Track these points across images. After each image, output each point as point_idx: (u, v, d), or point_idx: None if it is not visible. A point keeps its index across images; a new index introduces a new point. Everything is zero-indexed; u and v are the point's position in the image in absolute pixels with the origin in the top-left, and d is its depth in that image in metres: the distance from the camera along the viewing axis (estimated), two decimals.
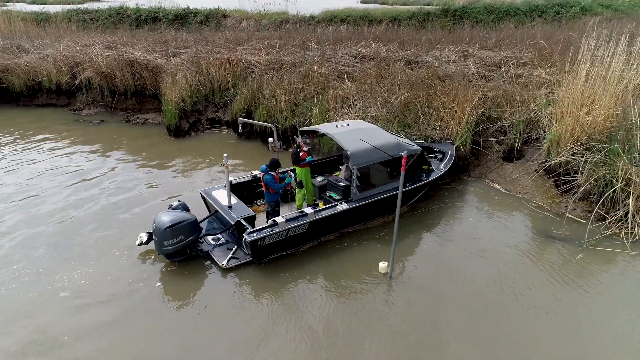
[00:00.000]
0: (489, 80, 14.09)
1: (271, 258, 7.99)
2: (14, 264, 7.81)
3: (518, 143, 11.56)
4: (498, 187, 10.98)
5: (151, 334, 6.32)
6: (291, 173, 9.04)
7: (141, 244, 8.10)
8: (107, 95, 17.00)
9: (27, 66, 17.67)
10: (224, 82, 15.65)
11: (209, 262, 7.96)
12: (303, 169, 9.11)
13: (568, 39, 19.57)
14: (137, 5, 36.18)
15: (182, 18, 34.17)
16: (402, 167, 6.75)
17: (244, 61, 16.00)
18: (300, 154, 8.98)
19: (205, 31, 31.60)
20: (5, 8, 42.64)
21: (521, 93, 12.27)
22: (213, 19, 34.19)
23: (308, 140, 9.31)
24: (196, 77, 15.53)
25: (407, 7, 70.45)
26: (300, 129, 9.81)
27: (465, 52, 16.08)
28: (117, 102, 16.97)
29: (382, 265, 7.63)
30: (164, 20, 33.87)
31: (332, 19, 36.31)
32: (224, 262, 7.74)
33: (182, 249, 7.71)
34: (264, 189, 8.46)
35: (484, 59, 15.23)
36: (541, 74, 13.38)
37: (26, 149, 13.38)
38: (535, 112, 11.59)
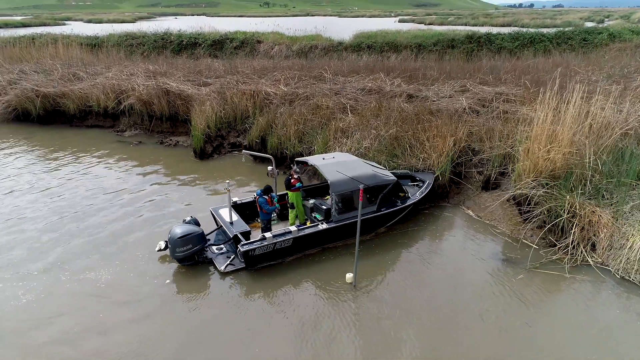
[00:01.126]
0: (479, 114, 15.60)
1: (261, 266, 9.82)
2: (58, 261, 9.99)
3: (494, 175, 13.01)
4: (471, 213, 12.46)
5: (161, 319, 8.26)
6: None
7: (160, 250, 10.13)
8: (145, 119, 19.53)
9: (81, 92, 20.50)
10: (245, 111, 17.80)
11: (212, 267, 9.88)
12: (294, 193, 10.94)
13: (567, 72, 20.72)
14: (179, 31, 39.40)
15: (219, 44, 36.96)
16: (360, 198, 8.48)
17: (263, 92, 18.12)
18: (292, 180, 10.85)
19: (240, 57, 34.27)
20: (65, 32, 47.01)
21: (501, 129, 13.73)
22: (248, 44, 36.75)
23: (298, 169, 11.16)
24: (221, 105, 17.76)
25: (439, 28, 71.81)
26: (295, 159, 11.70)
27: (463, 88, 17.59)
28: (154, 125, 19.45)
29: (349, 276, 9.32)
30: (202, 45, 36.75)
31: (359, 45, 37.97)
32: (222, 267, 9.64)
33: (190, 255, 9.67)
34: (258, 209, 10.38)
35: (477, 94, 16.71)
36: (523, 111, 14.75)
37: (77, 165, 15.87)
38: (512, 147, 13.01)
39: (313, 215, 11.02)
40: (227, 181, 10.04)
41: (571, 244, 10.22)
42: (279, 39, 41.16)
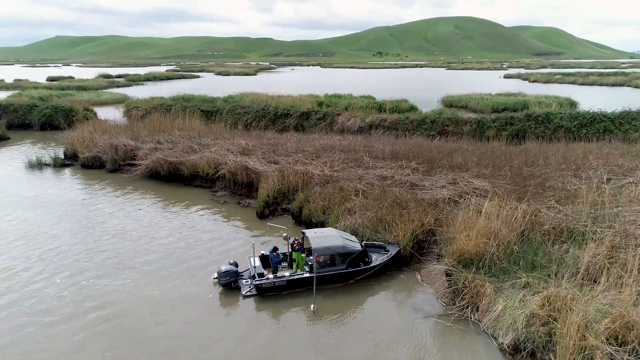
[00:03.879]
0: (457, 203, 21.03)
1: (267, 295, 16.62)
2: (156, 279, 17.77)
3: (442, 251, 18.48)
4: (419, 277, 18.07)
5: (203, 319, 15.41)
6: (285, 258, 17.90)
7: (214, 278, 17.45)
8: (231, 185, 27.81)
9: (193, 162, 29.57)
10: (296, 185, 25.06)
11: (238, 291, 16.92)
12: (296, 253, 17.68)
13: (573, 166, 24.75)
14: (277, 102, 48.76)
15: (306, 115, 45.40)
16: (315, 260, 15.00)
17: (310, 173, 25.31)
18: (294, 245, 17.64)
19: (320, 127, 42.18)
20: (194, 92, 59.12)
21: (455, 218, 19.15)
22: (328, 117, 44.69)
23: (298, 238, 17.93)
24: (280, 180, 25.27)
25: (536, 90, 74.00)
26: (302, 230, 18.49)
27: (454, 180, 23.04)
28: (236, 189, 27.63)
29: (312, 306, 15.72)
30: (293, 116, 45.51)
31: (424, 119, 43.69)
32: (244, 293, 16.63)
33: (228, 283, 16.82)
34: (269, 260, 17.34)
35: (462, 187, 22.09)
36: (485, 205, 19.91)
37: (183, 216, 24.32)
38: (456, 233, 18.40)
39: (305, 267, 17.65)
40: (253, 242, 17.23)
41: (464, 305, 15.53)
42: (361, 106, 48.78)
